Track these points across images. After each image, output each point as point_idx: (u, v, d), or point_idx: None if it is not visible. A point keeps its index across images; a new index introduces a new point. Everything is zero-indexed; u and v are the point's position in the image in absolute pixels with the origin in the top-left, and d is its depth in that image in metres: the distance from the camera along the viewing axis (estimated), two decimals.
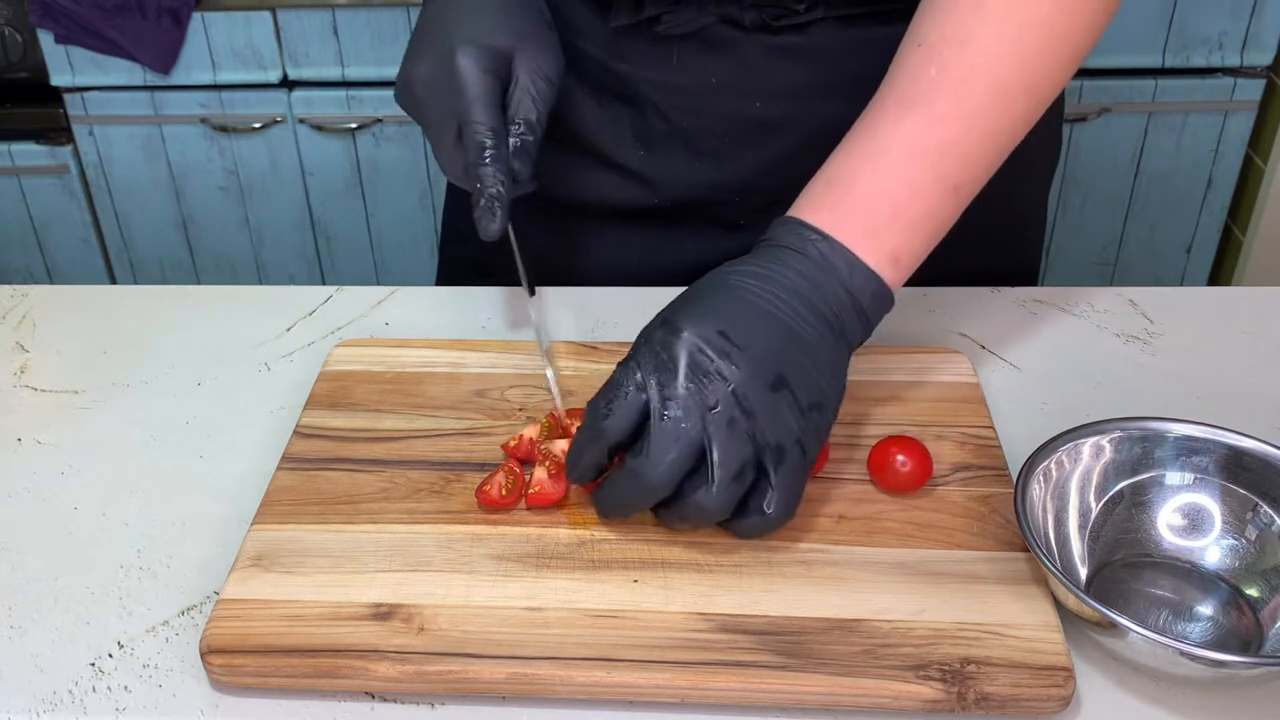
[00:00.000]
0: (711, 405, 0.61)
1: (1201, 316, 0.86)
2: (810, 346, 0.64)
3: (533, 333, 0.83)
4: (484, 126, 0.74)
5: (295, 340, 0.85)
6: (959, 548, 0.65)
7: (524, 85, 0.76)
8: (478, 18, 0.77)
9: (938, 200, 0.67)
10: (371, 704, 0.60)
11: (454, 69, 0.75)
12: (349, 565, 0.64)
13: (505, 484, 0.68)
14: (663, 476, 0.61)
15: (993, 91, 0.67)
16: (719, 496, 0.62)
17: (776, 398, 0.62)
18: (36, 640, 0.63)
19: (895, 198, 0.66)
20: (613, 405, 0.63)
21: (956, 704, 0.57)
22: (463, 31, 0.76)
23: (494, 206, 0.74)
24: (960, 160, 0.67)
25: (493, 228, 0.74)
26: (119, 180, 1.96)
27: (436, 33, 0.77)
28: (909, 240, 0.67)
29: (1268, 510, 0.64)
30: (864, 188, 0.67)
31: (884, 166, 0.67)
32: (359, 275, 2.03)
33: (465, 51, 0.75)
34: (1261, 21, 1.76)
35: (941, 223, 0.68)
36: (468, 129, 0.75)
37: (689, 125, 0.87)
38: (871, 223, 0.66)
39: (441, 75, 0.75)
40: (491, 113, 0.75)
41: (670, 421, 0.61)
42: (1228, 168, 1.90)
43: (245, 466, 0.74)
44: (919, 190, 0.67)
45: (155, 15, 1.79)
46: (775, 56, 0.83)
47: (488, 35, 0.76)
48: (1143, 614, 0.62)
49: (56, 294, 0.92)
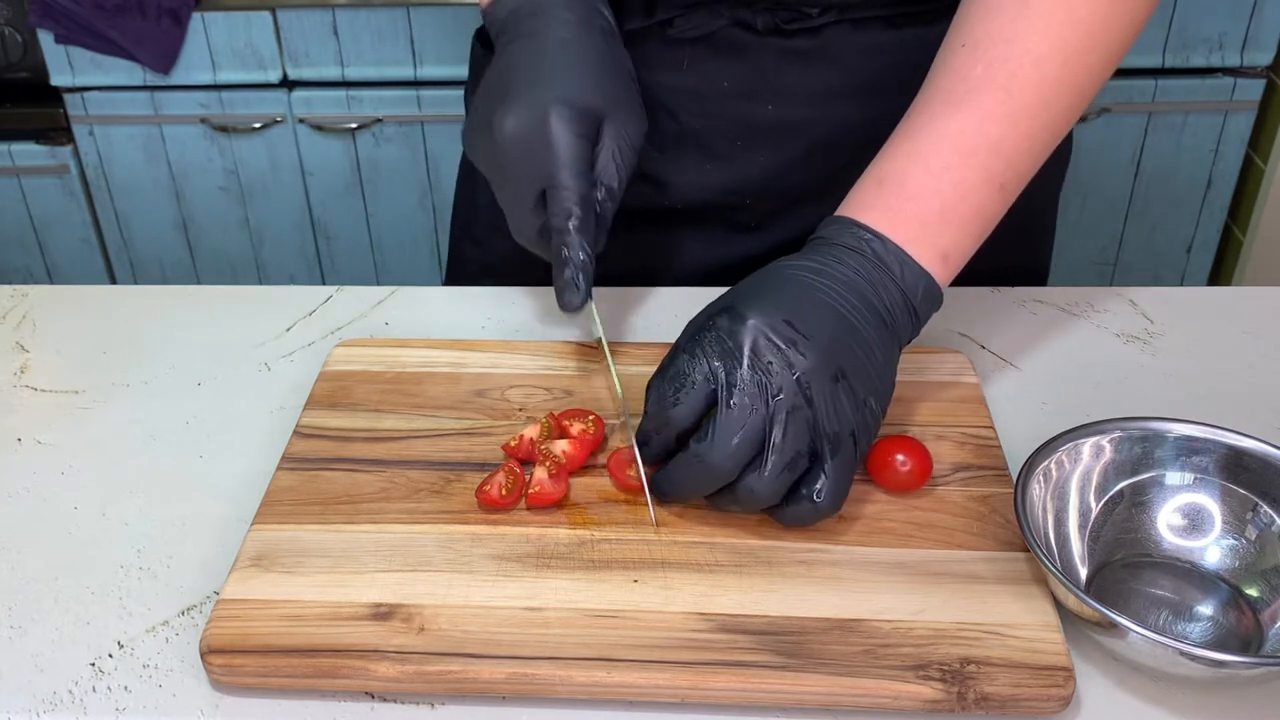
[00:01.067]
0: (775, 393, 0.61)
1: (1201, 316, 0.86)
2: (866, 340, 0.64)
3: None
4: (574, 193, 0.72)
5: (295, 340, 0.85)
6: (959, 548, 0.65)
7: (610, 149, 0.74)
8: (571, 75, 0.73)
9: (986, 198, 0.68)
10: (371, 704, 0.60)
11: (547, 128, 0.71)
12: (349, 565, 0.64)
13: (505, 484, 0.68)
14: (727, 463, 0.62)
15: (1039, 90, 0.67)
16: (770, 482, 0.62)
17: (837, 388, 0.62)
18: (36, 640, 0.63)
19: (944, 197, 0.67)
20: (681, 394, 0.63)
21: (956, 704, 0.57)
22: (557, 87, 0.72)
23: (578, 278, 0.72)
24: (1007, 159, 0.68)
25: (576, 301, 0.72)
26: (119, 180, 1.96)
27: (525, 84, 0.73)
28: (958, 239, 0.68)
29: (1268, 510, 0.64)
30: (914, 187, 0.67)
31: (933, 166, 0.67)
32: (359, 275, 2.03)
33: (561, 112, 0.71)
34: (1261, 21, 1.76)
35: (989, 220, 0.69)
36: (556, 193, 0.72)
37: (700, 128, 0.87)
38: (922, 222, 0.67)
39: (532, 132, 0.72)
40: (582, 179, 0.72)
41: (737, 409, 0.61)
42: (1228, 168, 1.90)
43: (245, 466, 0.74)
44: (967, 189, 0.67)
45: (155, 15, 1.79)
46: (787, 60, 0.83)
47: (582, 95, 0.72)
48: (1143, 614, 0.62)
49: (56, 294, 0.92)
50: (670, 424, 0.64)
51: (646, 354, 0.79)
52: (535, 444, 0.70)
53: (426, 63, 1.83)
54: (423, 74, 1.84)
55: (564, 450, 0.70)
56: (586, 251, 0.72)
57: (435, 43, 1.81)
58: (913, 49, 0.82)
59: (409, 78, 1.85)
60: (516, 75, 0.74)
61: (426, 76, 1.84)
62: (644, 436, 0.67)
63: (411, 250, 2.02)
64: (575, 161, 0.72)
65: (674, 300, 0.88)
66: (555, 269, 0.73)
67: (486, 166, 0.76)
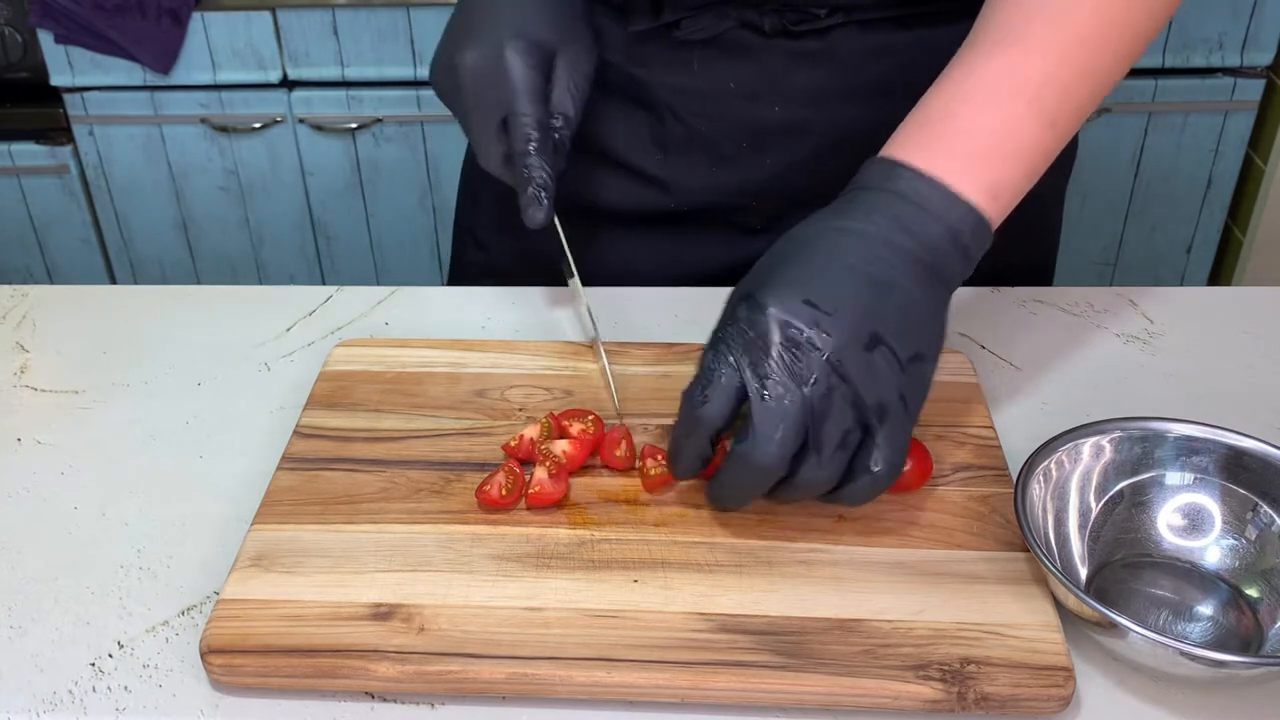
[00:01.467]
0: (808, 379, 0.59)
1: (1201, 316, 0.86)
2: (905, 293, 0.62)
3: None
4: (530, 119, 0.76)
5: (295, 340, 0.85)
6: (959, 548, 0.65)
7: (564, 82, 0.78)
8: (524, 13, 0.78)
9: (1036, 134, 0.65)
10: (371, 704, 0.60)
11: (503, 61, 0.76)
12: (349, 565, 0.64)
13: (505, 484, 0.68)
14: (774, 457, 0.60)
15: (1087, 26, 0.66)
16: (827, 467, 0.60)
17: (873, 357, 0.60)
18: (36, 640, 0.63)
19: (993, 130, 0.65)
20: (708, 391, 0.61)
21: (956, 704, 0.57)
22: (511, 24, 0.77)
23: (540, 195, 0.76)
24: (1056, 93, 0.65)
25: (539, 215, 0.76)
26: (119, 180, 1.96)
27: (482, 23, 0.78)
28: (1008, 172, 0.65)
29: (1268, 510, 0.64)
30: (959, 123, 0.65)
31: (978, 102, 0.65)
32: (359, 275, 2.03)
33: (514, 45, 0.77)
34: (1261, 21, 1.76)
35: (1041, 156, 0.66)
36: (514, 120, 0.76)
37: (707, 130, 0.87)
38: (968, 156, 0.64)
39: (489, 65, 0.77)
40: (537, 106, 0.77)
41: (771, 401, 0.59)
42: (1228, 168, 1.90)
43: (245, 466, 0.74)
44: (1016, 123, 0.65)
45: (155, 15, 1.79)
46: (794, 62, 0.83)
47: (534, 30, 0.78)
48: (1143, 614, 0.62)
49: (56, 294, 0.92)
50: (701, 425, 0.62)
51: (646, 354, 0.79)
52: (535, 444, 0.70)
53: (426, 63, 1.83)
54: (423, 74, 1.84)
55: (564, 450, 0.70)
56: (547, 170, 0.76)
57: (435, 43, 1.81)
58: (920, 50, 0.82)
59: (409, 78, 1.85)
60: (475, 14, 0.79)
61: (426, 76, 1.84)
62: (676, 445, 0.64)
63: (411, 250, 2.02)
64: (530, 90, 0.76)
65: (675, 300, 0.88)
66: (519, 189, 0.76)
67: (451, 100, 0.81)
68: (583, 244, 0.94)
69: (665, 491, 0.68)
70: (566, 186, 0.83)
